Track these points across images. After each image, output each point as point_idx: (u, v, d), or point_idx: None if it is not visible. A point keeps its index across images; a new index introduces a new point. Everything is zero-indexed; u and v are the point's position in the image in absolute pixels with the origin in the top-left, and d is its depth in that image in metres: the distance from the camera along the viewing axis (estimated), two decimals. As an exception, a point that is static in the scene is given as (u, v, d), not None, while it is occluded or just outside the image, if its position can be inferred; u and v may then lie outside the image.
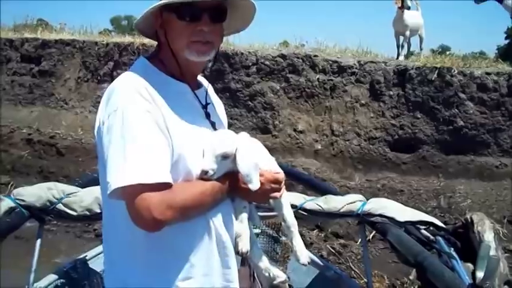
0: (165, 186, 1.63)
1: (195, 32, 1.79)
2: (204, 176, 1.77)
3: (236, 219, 1.93)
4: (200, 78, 2.10)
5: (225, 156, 1.80)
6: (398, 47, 11.70)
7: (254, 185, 1.80)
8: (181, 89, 1.87)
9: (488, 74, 9.81)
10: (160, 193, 1.62)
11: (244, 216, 1.94)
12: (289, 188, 2.38)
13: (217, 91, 8.06)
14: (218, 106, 2.17)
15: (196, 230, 1.79)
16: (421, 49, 12.54)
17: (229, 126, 1.96)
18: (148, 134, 1.66)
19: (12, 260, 4.99)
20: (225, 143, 1.83)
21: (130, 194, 1.61)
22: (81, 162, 10.72)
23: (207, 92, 2.06)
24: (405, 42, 11.73)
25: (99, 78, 12.39)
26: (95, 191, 2.90)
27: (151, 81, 1.76)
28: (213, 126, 1.96)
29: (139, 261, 1.77)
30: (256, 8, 1.95)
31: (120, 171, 1.60)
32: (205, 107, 1.97)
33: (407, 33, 11.54)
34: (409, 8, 11.22)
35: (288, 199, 2.07)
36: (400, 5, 11.09)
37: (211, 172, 1.77)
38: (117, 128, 1.65)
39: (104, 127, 1.70)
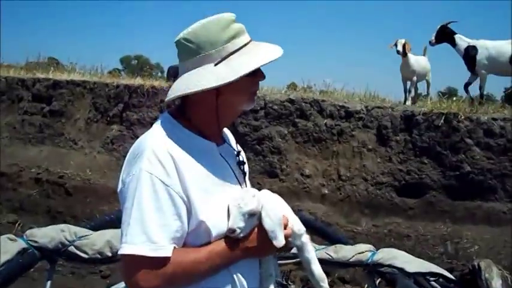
0: (163, 259, 1.67)
1: (255, 84, 1.91)
2: (231, 235, 1.78)
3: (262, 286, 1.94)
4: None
5: (251, 214, 1.81)
6: (405, 91, 11.88)
7: (279, 242, 1.81)
8: (208, 147, 1.88)
9: (494, 119, 9.79)
10: (151, 263, 1.65)
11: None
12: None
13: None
14: (242, 154, 2.15)
15: None
16: (428, 94, 12.66)
17: None
18: (153, 209, 1.68)
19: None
20: (251, 200, 1.83)
21: (125, 260, 1.69)
22: (89, 202, 10.76)
23: (231, 145, 2.11)
24: (412, 87, 11.88)
25: (108, 119, 12.49)
26: (106, 234, 2.96)
27: (177, 141, 1.78)
28: (239, 182, 1.99)
29: None
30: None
31: (125, 239, 1.68)
32: (230, 164, 1.99)
33: (414, 78, 11.73)
34: (405, 55, 11.50)
35: (315, 253, 2.08)
36: (398, 49, 11.43)
37: (238, 231, 1.78)
38: (131, 194, 1.70)
39: (123, 188, 1.77)
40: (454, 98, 11.14)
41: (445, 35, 11.33)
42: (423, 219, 9.73)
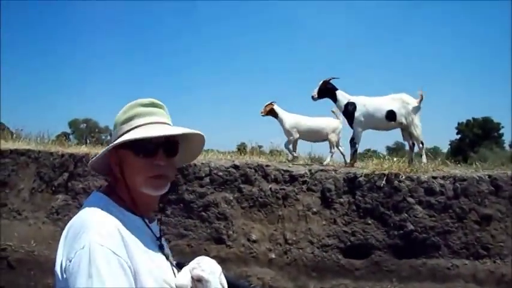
0: None
1: (152, 167, 1.90)
2: None
3: None
4: None
5: (199, 280, 1.92)
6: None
7: None
8: (138, 224, 1.93)
9: (434, 177, 10.02)
10: None
11: None
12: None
13: (171, 202, 8.17)
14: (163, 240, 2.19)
15: None
16: (331, 153, 12.43)
17: (183, 237, 2.07)
18: (113, 278, 1.68)
19: None
20: (203, 267, 1.97)
21: None
22: (34, 275, 10.51)
23: (159, 224, 2.14)
24: (288, 145, 12.43)
25: (53, 188, 12.32)
26: None
27: (116, 216, 1.83)
28: (167, 258, 2.03)
29: None
30: (204, 140, 2.12)
31: None
32: (159, 239, 2.04)
33: (291, 137, 12.29)
34: (276, 116, 12.23)
35: None
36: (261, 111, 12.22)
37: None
38: (84, 267, 1.68)
39: (69, 264, 1.72)
40: (395, 159, 11.32)
41: (327, 91, 11.59)
42: (370, 279, 9.77)
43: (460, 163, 12.83)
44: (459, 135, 43.08)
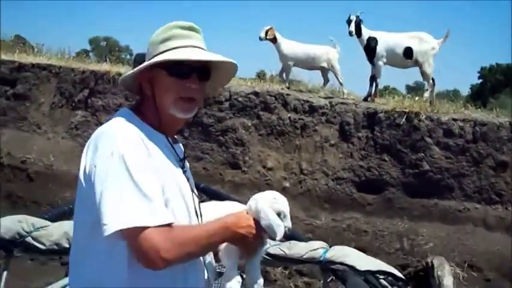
0: (167, 226, 1.70)
1: (183, 88, 1.89)
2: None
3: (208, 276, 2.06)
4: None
5: (279, 214, 1.94)
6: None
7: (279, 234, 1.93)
8: (161, 141, 1.93)
9: (454, 120, 9.96)
10: (165, 233, 1.68)
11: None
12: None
13: (189, 125, 8.15)
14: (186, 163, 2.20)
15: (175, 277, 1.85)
16: (341, 84, 12.21)
17: (199, 160, 2.07)
18: (148, 177, 1.72)
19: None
20: (281, 201, 2.00)
21: (134, 234, 1.65)
22: (51, 188, 10.67)
23: (182, 149, 2.15)
24: (285, 72, 12.44)
25: (73, 104, 12.39)
26: (64, 226, 2.96)
27: (140, 130, 1.84)
28: (188, 180, 2.04)
29: None
30: (236, 71, 2.10)
31: (122, 213, 1.65)
32: (182, 160, 2.06)
33: (289, 63, 12.22)
34: (275, 41, 11.99)
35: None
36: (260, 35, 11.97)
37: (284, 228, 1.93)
38: (116, 171, 1.69)
39: (96, 170, 1.73)
40: (417, 98, 11.20)
41: (358, 25, 11.26)
42: (381, 215, 9.88)
43: (480, 107, 12.67)
44: (481, 80, 42.29)
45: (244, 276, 2.08)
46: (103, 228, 1.64)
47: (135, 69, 1.95)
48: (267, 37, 11.86)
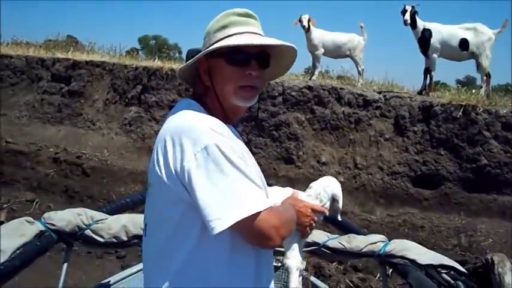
0: (270, 209, 1.75)
1: (243, 76, 1.87)
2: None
3: None
4: None
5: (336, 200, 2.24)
6: (313, 67, 12.38)
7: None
8: (231, 129, 1.93)
9: (513, 112, 9.74)
10: (273, 213, 1.75)
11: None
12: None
13: (243, 120, 8.13)
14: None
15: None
16: (359, 73, 12.25)
17: (253, 155, 2.05)
18: (245, 165, 1.74)
19: (37, 277, 5.00)
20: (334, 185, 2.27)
21: (251, 220, 1.67)
22: (106, 183, 10.81)
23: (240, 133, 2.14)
24: (316, 61, 12.22)
25: (126, 100, 12.58)
26: (122, 219, 2.98)
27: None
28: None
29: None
30: (296, 55, 2.06)
31: (237, 204, 1.66)
32: (247, 144, 2.05)
33: (317, 52, 12.02)
34: (308, 30, 11.81)
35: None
36: (304, 24, 11.80)
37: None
38: (216, 165, 1.68)
39: (190, 167, 1.69)
40: (473, 90, 10.99)
41: (413, 16, 11.00)
42: (438, 210, 9.70)
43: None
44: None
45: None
46: (213, 223, 1.64)
47: (194, 58, 1.92)
48: (309, 26, 11.76)
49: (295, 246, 2.10)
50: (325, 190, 2.17)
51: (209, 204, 1.65)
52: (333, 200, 2.14)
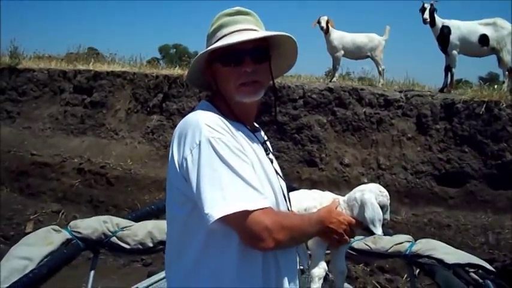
0: (267, 210, 1.73)
1: (240, 75, 1.89)
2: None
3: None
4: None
5: (383, 207, 2.10)
6: (333, 68, 12.31)
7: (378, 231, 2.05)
8: (242, 129, 1.94)
9: (538, 107, 9.61)
10: (271, 215, 1.73)
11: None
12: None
13: (264, 124, 8.05)
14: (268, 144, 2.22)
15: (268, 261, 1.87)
16: (379, 73, 12.15)
17: (276, 158, 2.06)
18: (240, 162, 1.75)
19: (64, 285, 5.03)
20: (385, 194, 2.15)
21: (242, 218, 1.68)
22: (130, 192, 10.91)
23: (263, 135, 2.16)
24: (337, 64, 12.15)
25: (148, 109, 12.66)
26: (147, 225, 3.03)
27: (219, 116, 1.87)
28: (271, 162, 2.04)
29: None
30: (296, 44, 2.05)
31: (227, 198, 1.67)
32: (264, 143, 2.08)
33: (337, 54, 11.94)
34: (327, 31, 11.77)
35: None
36: (322, 25, 11.75)
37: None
38: (207, 160, 1.72)
39: (187, 161, 1.75)
40: (496, 86, 10.87)
41: (432, 14, 10.89)
42: (464, 208, 9.58)
43: None
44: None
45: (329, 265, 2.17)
46: (206, 217, 1.66)
47: (191, 65, 2.02)
48: (328, 27, 11.74)
49: (321, 254, 2.11)
50: (377, 199, 2.10)
51: (202, 199, 1.69)
52: (382, 208, 2.07)
